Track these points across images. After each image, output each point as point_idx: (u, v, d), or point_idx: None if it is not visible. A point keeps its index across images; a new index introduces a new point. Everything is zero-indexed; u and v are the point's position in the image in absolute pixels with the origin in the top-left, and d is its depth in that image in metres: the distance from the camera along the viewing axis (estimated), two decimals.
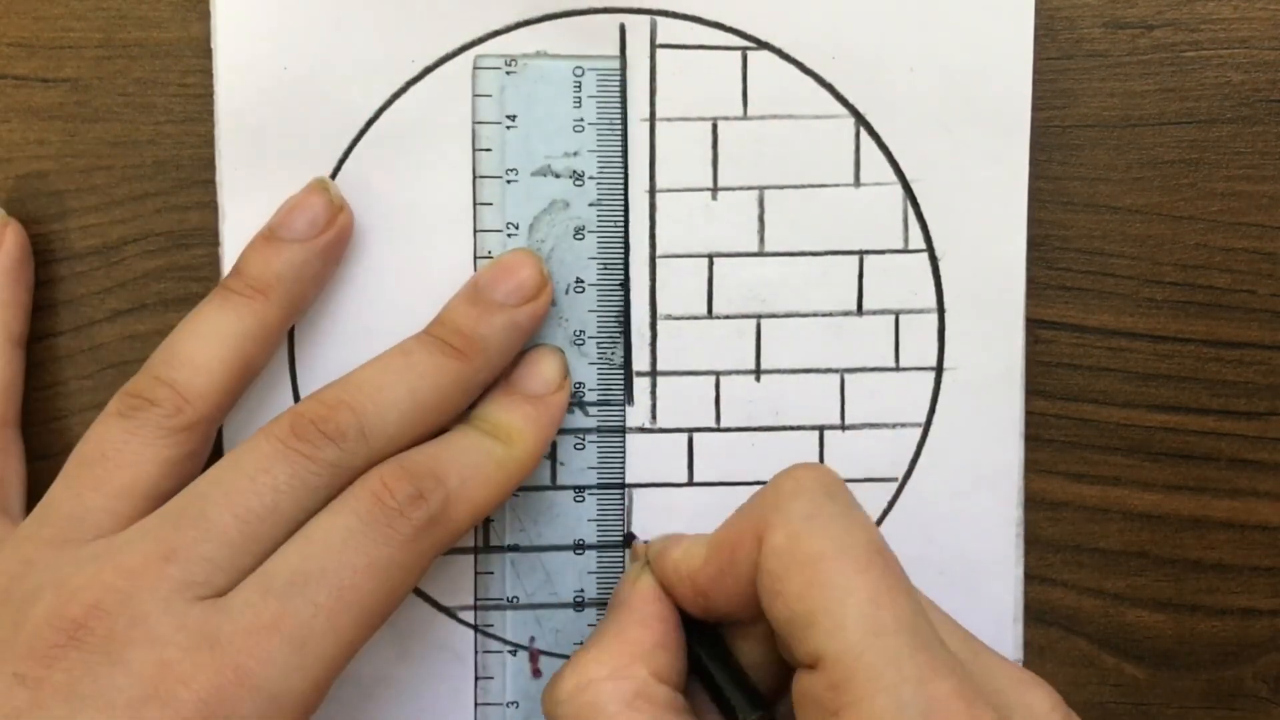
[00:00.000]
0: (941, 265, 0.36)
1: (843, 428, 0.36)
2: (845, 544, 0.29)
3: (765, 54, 0.35)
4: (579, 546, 0.36)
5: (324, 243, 0.34)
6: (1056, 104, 0.36)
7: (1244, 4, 0.36)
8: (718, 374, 0.36)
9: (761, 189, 0.36)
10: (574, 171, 0.35)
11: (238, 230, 0.35)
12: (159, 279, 0.36)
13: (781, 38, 0.35)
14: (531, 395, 0.34)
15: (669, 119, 0.35)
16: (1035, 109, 0.36)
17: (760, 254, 0.36)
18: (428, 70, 0.35)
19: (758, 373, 0.36)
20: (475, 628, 0.36)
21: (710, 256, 0.36)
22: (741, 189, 0.36)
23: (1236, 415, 0.37)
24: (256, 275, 0.33)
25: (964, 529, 0.36)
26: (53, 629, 0.29)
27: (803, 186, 0.36)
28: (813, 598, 0.28)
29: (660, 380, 0.36)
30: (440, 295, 0.35)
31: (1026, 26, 0.35)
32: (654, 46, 0.35)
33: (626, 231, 0.36)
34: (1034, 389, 0.37)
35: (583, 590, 0.36)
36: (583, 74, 0.35)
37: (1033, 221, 0.36)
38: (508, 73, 0.35)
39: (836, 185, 0.36)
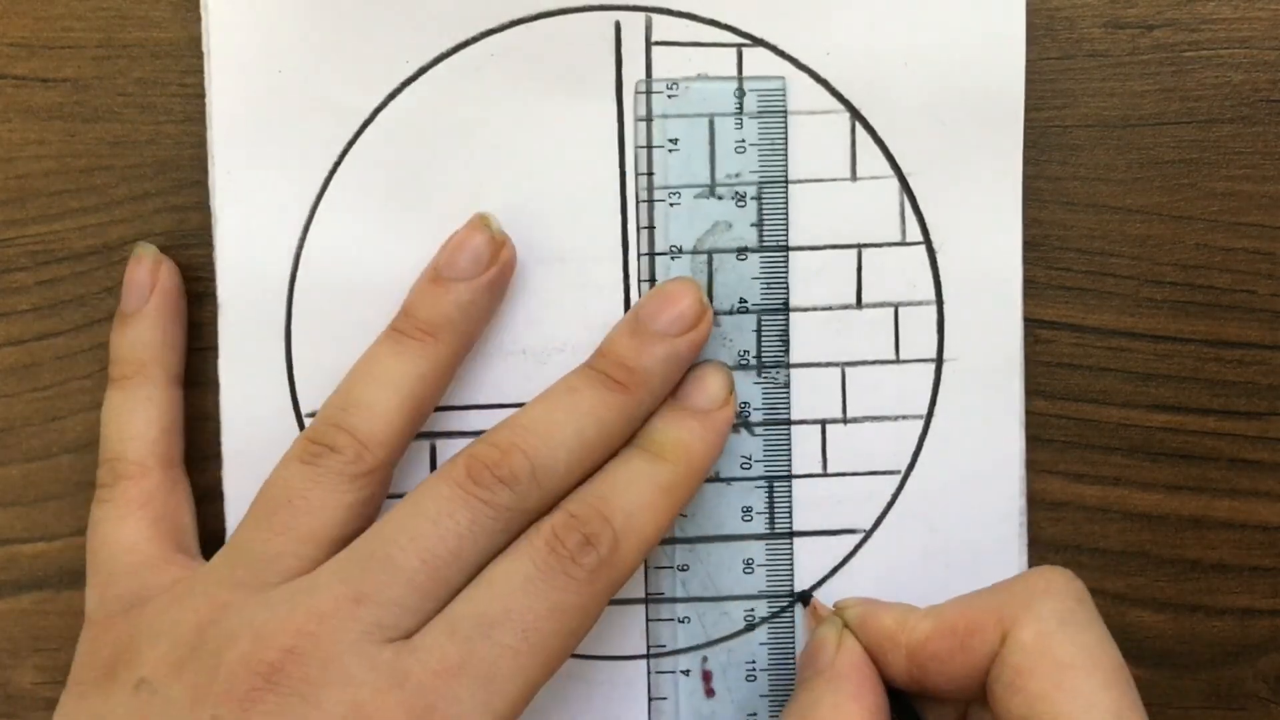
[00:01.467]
0: (939, 257, 0.36)
1: (844, 421, 0.36)
2: (1096, 656, 0.30)
3: (760, 50, 0.35)
4: (748, 565, 0.36)
5: (489, 279, 0.34)
6: (1056, 104, 0.36)
7: (1244, 4, 0.36)
8: None
9: (759, 184, 0.36)
10: (736, 193, 0.35)
11: (232, 235, 0.35)
12: None
13: (776, 34, 0.35)
14: (697, 410, 0.34)
15: (665, 116, 0.35)
16: (1035, 109, 0.36)
17: (759, 249, 0.36)
18: (423, 70, 0.35)
19: (759, 368, 0.36)
20: (648, 651, 0.37)
21: (709, 253, 0.36)
22: (739, 184, 0.36)
23: (1236, 415, 0.37)
24: (426, 317, 0.34)
25: (968, 520, 0.36)
26: (250, 672, 0.30)
27: (800, 181, 0.36)
28: (1057, 702, 0.29)
29: None
30: None
31: (1019, 18, 0.35)
32: (649, 44, 0.35)
33: (787, 248, 0.36)
34: (1034, 389, 0.37)
35: (753, 610, 0.36)
36: (743, 95, 0.35)
37: (1032, 221, 0.36)
38: (669, 96, 0.35)
39: (833, 180, 0.36)
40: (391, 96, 0.35)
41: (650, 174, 0.36)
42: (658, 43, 0.35)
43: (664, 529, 0.33)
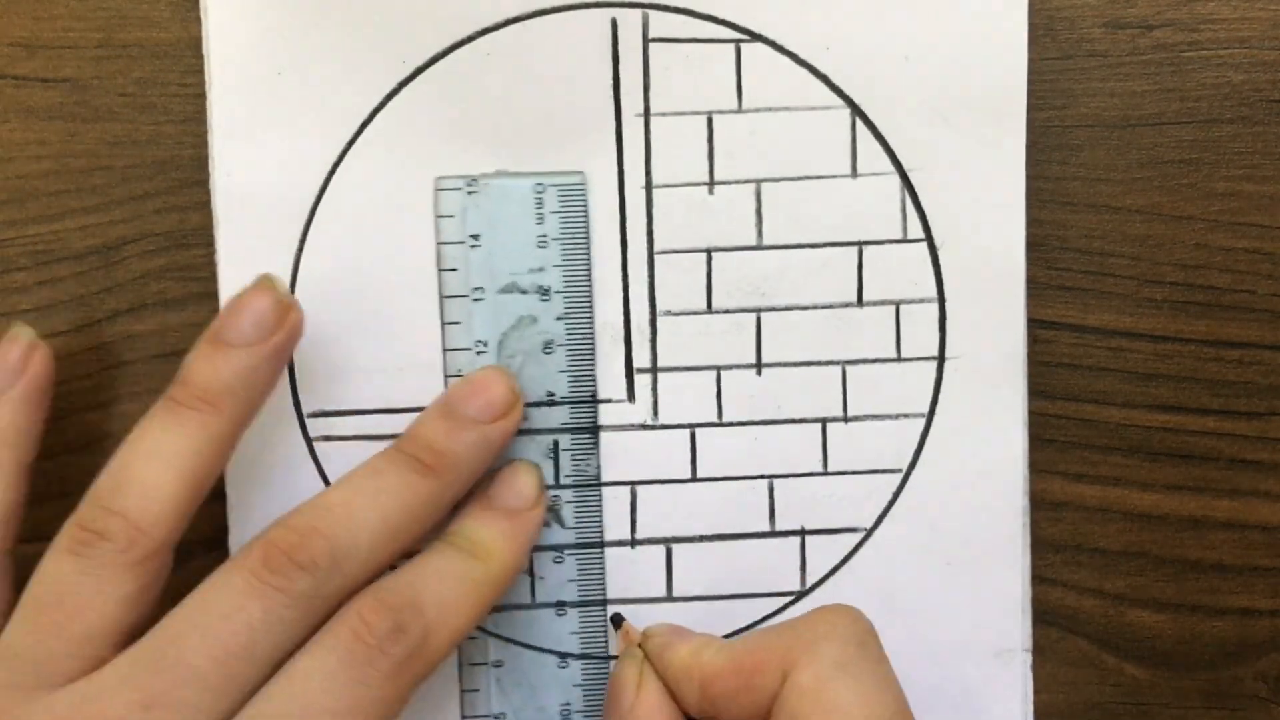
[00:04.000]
0: (941, 254, 0.36)
1: (845, 420, 0.36)
2: (871, 703, 0.30)
3: (759, 46, 0.35)
4: (563, 659, 0.36)
5: (274, 345, 0.32)
6: (1056, 104, 0.36)
7: (1244, 4, 0.36)
8: (718, 369, 0.36)
9: (758, 182, 0.36)
10: (540, 287, 0.35)
11: (233, 236, 0.35)
12: (159, 279, 0.36)
13: (775, 29, 0.35)
14: (508, 510, 0.34)
15: (663, 114, 0.36)
16: (1035, 109, 0.36)
17: (759, 247, 0.36)
18: (420, 70, 0.35)
19: (759, 366, 0.36)
20: None
21: (709, 251, 0.36)
22: (738, 182, 0.36)
23: (1236, 415, 0.37)
24: (205, 386, 0.31)
25: (970, 519, 0.36)
26: None
27: (800, 178, 0.36)
28: None
29: (661, 376, 0.36)
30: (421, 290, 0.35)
31: (1021, 11, 0.35)
32: (646, 41, 0.35)
33: (593, 341, 0.36)
34: (1034, 389, 0.37)
35: (569, 704, 0.36)
36: (544, 190, 0.35)
37: (1032, 221, 0.36)
38: (469, 193, 0.35)
39: (834, 176, 0.36)
40: (390, 97, 0.35)
41: (454, 270, 0.35)
42: (654, 39, 0.35)
43: (474, 624, 0.32)
